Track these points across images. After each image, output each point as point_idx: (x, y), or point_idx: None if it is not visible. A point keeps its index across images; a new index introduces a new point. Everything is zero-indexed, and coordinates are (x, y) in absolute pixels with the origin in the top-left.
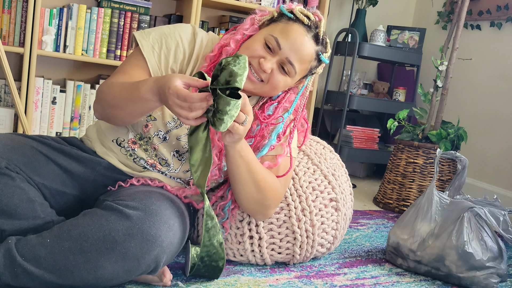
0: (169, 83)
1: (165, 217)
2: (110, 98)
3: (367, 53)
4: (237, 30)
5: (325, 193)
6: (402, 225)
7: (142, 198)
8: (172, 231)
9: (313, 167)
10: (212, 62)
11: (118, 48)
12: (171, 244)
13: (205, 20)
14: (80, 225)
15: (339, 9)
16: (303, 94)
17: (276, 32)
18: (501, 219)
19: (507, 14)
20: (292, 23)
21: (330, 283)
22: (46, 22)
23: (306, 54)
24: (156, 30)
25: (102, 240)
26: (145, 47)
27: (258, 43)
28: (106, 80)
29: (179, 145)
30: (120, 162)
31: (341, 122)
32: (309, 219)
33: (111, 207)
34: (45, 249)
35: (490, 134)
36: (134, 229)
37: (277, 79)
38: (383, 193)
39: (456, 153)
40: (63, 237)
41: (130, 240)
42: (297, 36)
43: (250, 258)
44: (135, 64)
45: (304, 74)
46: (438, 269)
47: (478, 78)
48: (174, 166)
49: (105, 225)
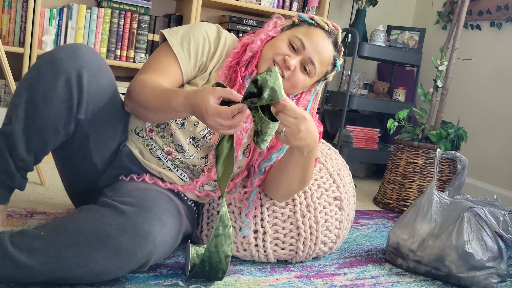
0: (206, 104)
1: (159, 213)
2: (142, 99)
3: (367, 53)
4: (259, 31)
5: (329, 191)
6: (402, 225)
7: (137, 195)
8: (166, 228)
9: (319, 165)
10: (235, 58)
11: (118, 48)
12: (164, 241)
13: (205, 20)
14: (76, 219)
15: (339, 9)
16: (315, 99)
17: (300, 34)
18: (501, 219)
19: (507, 14)
20: (314, 28)
21: (330, 283)
22: (46, 22)
23: (326, 56)
24: (183, 28)
25: (95, 234)
26: (174, 44)
27: (282, 42)
28: (136, 77)
29: (195, 131)
30: (138, 152)
31: (341, 122)
32: (314, 216)
33: (107, 203)
34: (39, 241)
35: (490, 134)
36: (127, 224)
37: (298, 77)
38: (383, 193)
39: (456, 153)
40: (58, 231)
41: (122, 235)
42: (319, 39)
43: (253, 253)
44: (166, 60)
45: (320, 76)
46: (438, 269)
47: (478, 78)
48: (189, 152)
49: (99, 219)
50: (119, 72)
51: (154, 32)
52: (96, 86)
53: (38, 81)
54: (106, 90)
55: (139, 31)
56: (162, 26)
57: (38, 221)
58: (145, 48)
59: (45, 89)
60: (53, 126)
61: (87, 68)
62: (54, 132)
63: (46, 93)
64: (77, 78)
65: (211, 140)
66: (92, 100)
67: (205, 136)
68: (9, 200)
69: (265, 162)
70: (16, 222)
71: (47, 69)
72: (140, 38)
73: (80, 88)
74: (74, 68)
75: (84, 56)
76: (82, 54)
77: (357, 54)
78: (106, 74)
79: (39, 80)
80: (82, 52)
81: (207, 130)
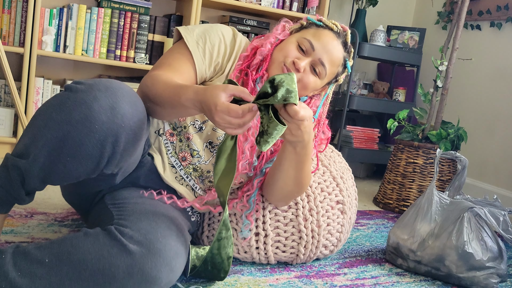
0: (215, 100)
1: (168, 258)
2: (152, 94)
3: (367, 53)
4: (268, 35)
5: (332, 195)
6: (402, 225)
7: (148, 231)
8: (173, 272)
9: (323, 168)
10: (245, 61)
11: (118, 48)
12: (170, 282)
13: (205, 20)
14: (80, 249)
15: (339, 9)
16: (325, 103)
17: (309, 35)
18: (501, 219)
19: (507, 14)
20: (323, 29)
21: (330, 283)
22: (46, 22)
23: (336, 56)
24: (199, 27)
25: (101, 273)
26: (190, 41)
27: (291, 45)
28: (150, 72)
29: (214, 136)
30: (157, 155)
31: (341, 122)
32: (316, 219)
33: (115, 237)
34: (43, 269)
35: (490, 134)
36: (134, 268)
37: (308, 79)
38: (383, 193)
39: (456, 153)
40: (62, 260)
41: (129, 279)
42: (328, 39)
43: (254, 256)
44: (180, 58)
45: (331, 78)
46: (438, 269)
47: (478, 78)
48: (205, 157)
49: (106, 257)
50: (119, 72)
51: (154, 32)
52: (134, 142)
53: (68, 133)
54: (140, 137)
55: (139, 31)
56: (162, 26)
57: (38, 221)
58: (145, 48)
59: (74, 143)
60: (75, 174)
61: (127, 128)
62: (75, 179)
63: (75, 148)
64: (113, 139)
65: None
66: (128, 154)
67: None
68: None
69: (267, 164)
70: (16, 222)
71: (80, 124)
72: (140, 38)
73: (114, 148)
74: (112, 129)
75: (124, 116)
76: (123, 113)
77: (357, 54)
78: (143, 122)
79: (69, 133)
80: (122, 110)
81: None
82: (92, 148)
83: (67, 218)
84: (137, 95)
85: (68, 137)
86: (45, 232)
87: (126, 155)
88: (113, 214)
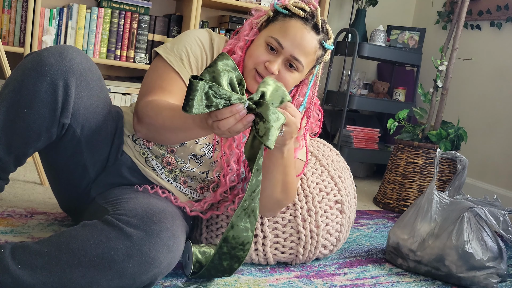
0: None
1: (165, 238)
2: (160, 123)
3: (367, 53)
4: (238, 36)
5: (331, 195)
6: (402, 225)
7: (143, 216)
8: (171, 253)
9: (320, 168)
10: None
11: (118, 48)
12: (169, 264)
13: (205, 20)
14: (79, 238)
15: (339, 9)
16: (314, 84)
17: (275, 32)
18: (501, 219)
19: (507, 14)
20: (289, 19)
21: (330, 283)
22: (46, 22)
23: (309, 46)
24: (177, 42)
25: (100, 257)
26: (173, 62)
27: (260, 48)
28: (143, 100)
29: (196, 149)
30: (136, 158)
31: (341, 122)
32: (314, 220)
33: (112, 222)
34: (43, 259)
35: (490, 134)
36: (133, 249)
37: (286, 78)
38: (383, 193)
39: (456, 153)
40: (61, 249)
41: (128, 261)
42: (296, 32)
43: (253, 257)
44: (168, 78)
45: (312, 65)
46: (438, 269)
47: (478, 78)
48: (190, 166)
49: (105, 242)
50: (119, 72)
51: (154, 32)
52: (87, 89)
53: (22, 83)
54: (97, 93)
55: (139, 31)
56: (162, 26)
57: (38, 221)
58: (145, 48)
59: (29, 91)
60: (35, 128)
61: (76, 71)
62: (36, 135)
63: (30, 95)
64: (63, 82)
65: (213, 156)
66: (84, 104)
67: (207, 153)
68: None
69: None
70: (16, 222)
71: (32, 70)
72: (140, 38)
73: (66, 92)
74: (61, 71)
75: (72, 59)
76: (70, 57)
77: (357, 54)
78: (96, 76)
79: (23, 82)
80: (70, 55)
81: (209, 147)
82: (45, 93)
83: (67, 218)
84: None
85: (22, 87)
86: (45, 232)
87: (81, 105)
88: (108, 209)
